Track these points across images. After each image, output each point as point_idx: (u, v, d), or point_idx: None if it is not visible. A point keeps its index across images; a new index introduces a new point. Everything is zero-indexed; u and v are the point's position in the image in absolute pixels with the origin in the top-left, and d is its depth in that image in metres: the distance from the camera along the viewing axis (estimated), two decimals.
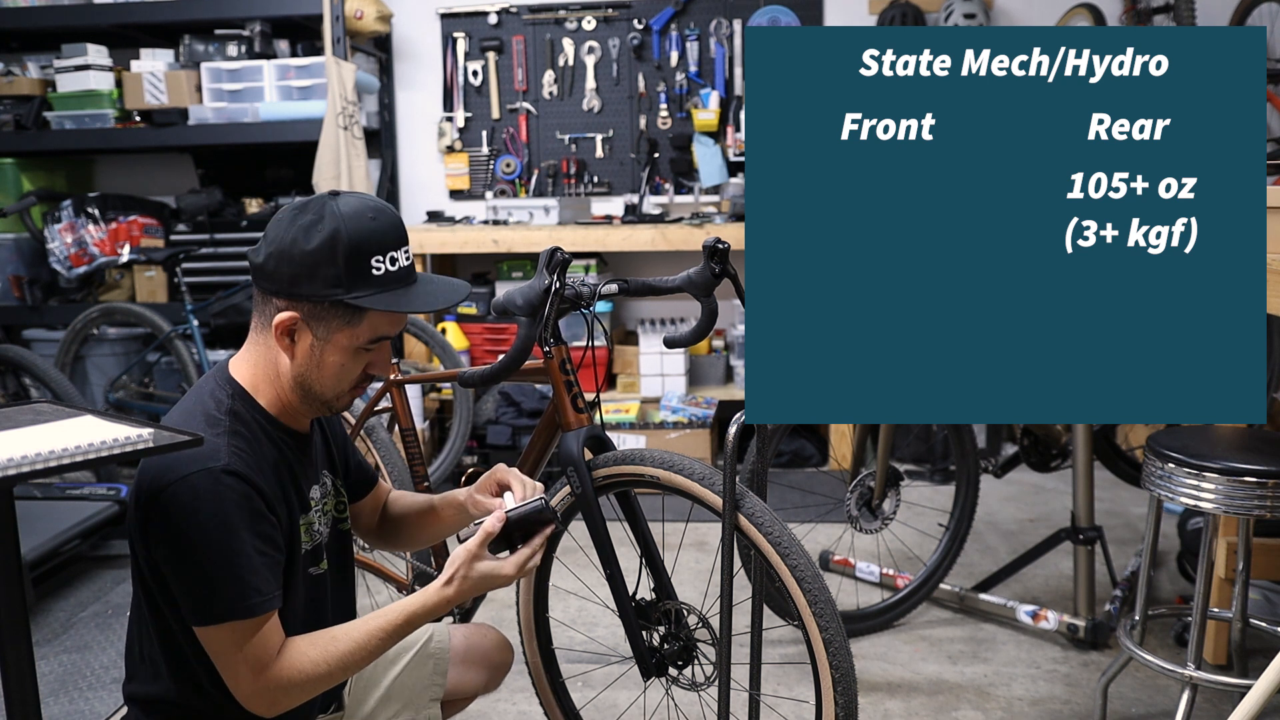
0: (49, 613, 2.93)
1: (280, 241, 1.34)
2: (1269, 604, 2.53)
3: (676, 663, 1.81)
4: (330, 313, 1.35)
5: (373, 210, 1.37)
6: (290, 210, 1.36)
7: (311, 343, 1.37)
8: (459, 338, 4.30)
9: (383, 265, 1.35)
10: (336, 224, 1.33)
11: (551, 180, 4.65)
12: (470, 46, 4.65)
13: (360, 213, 1.35)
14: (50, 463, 1.11)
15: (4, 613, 1.16)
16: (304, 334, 1.36)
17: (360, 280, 1.34)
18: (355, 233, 1.33)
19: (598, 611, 2.81)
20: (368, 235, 1.34)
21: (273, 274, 1.34)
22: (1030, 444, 2.97)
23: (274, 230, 1.36)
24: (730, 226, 4.08)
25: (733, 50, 4.55)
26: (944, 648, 2.63)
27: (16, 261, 4.33)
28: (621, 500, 1.85)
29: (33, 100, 4.26)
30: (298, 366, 1.39)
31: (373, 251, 1.34)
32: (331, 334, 1.36)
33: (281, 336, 1.36)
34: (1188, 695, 1.96)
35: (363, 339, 1.38)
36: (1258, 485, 1.83)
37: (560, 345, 1.84)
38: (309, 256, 1.32)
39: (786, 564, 1.62)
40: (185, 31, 4.32)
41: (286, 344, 1.37)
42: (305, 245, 1.32)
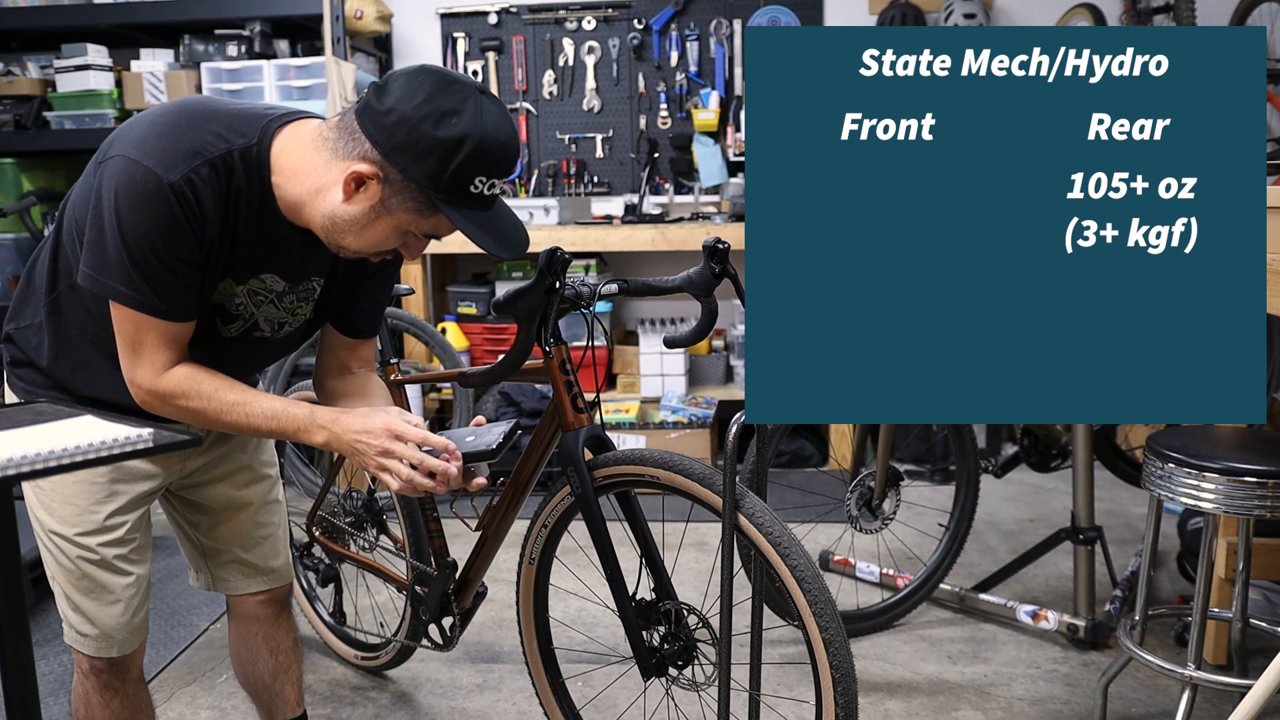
0: (49, 613, 2.93)
1: (411, 106, 1.31)
2: (1269, 604, 2.53)
3: (676, 663, 1.81)
4: (409, 193, 1.34)
5: (507, 134, 1.35)
6: (436, 80, 1.32)
7: (374, 204, 1.36)
8: (459, 338, 4.30)
9: (481, 188, 1.35)
10: (472, 130, 1.31)
11: (551, 180, 4.65)
12: (470, 46, 4.65)
13: (496, 132, 1.33)
14: (50, 463, 1.10)
15: (4, 613, 1.16)
16: (371, 191, 1.35)
17: (457, 189, 1.33)
18: (482, 149, 1.32)
19: (598, 611, 2.81)
20: (490, 157, 1.33)
21: (384, 127, 1.32)
22: (1030, 444, 2.97)
23: (411, 90, 1.32)
24: (730, 226, 4.08)
25: (733, 50, 4.55)
26: (944, 648, 2.63)
27: (16, 261, 4.33)
28: (621, 500, 1.85)
29: (33, 100, 4.25)
30: (344, 211, 1.37)
31: (483, 172, 1.34)
32: (397, 209, 1.36)
33: (350, 181, 1.35)
34: (1188, 695, 1.96)
35: (421, 229, 1.39)
36: (1258, 485, 1.83)
37: (560, 345, 1.84)
38: (428, 141, 1.30)
39: (786, 564, 1.62)
40: (185, 31, 4.31)
41: (350, 189, 1.35)
42: (432, 130, 1.30)
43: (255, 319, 1.53)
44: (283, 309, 1.55)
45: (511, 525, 2.05)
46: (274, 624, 1.85)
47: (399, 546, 2.37)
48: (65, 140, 4.25)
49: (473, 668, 2.58)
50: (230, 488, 1.74)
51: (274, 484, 1.81)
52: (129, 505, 1.59)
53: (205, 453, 1.70)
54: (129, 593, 1.60)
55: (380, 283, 1.68)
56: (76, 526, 1.56)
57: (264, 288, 1.50)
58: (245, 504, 1.75)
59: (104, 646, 1.61)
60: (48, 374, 1.55)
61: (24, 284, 1.57)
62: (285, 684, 1.88)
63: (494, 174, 1.35)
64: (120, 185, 1.32)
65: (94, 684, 1.64)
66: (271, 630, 1.85)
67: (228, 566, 1.78)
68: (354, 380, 1.70)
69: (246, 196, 1.39)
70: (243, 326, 1.53)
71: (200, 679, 2.56)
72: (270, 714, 1.90)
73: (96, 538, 1.57)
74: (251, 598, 1.81)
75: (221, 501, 1.74)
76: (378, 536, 2.48)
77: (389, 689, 2.50)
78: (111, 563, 1.58)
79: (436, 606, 2.19)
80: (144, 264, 1.34)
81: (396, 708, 2.41)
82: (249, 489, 1.75)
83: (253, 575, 1.80)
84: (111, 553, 1.58)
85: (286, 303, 1.54)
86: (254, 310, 1.52)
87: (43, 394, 1.55)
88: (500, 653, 2.66)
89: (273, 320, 1.55)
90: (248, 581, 1.80)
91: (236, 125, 1.39)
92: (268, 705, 1.90)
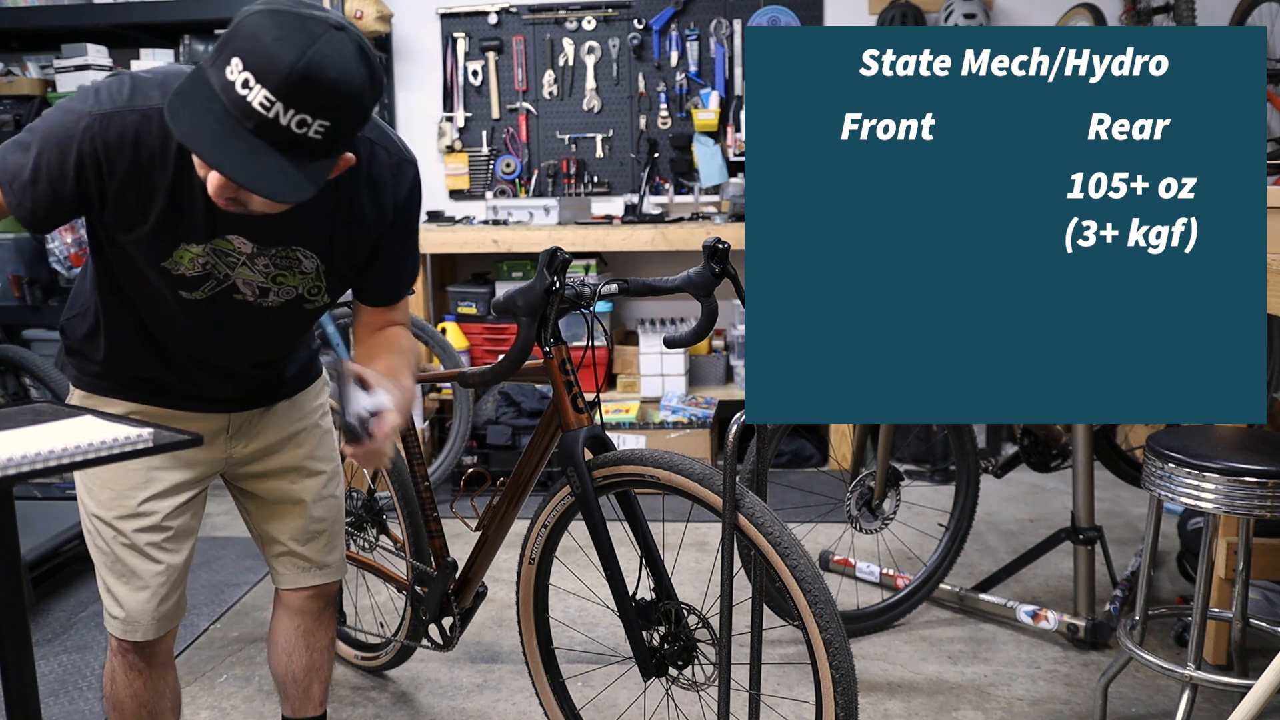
0: (49, 613, 2.93)
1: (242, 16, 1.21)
2: (1269, 604, 2.53)
3: (676, 663, 1.81)
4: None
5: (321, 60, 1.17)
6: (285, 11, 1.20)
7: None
8: (459, 338, 4.30)
9: (237, 83, 1.18)
10: (257, 30, 1.18)
11: (551, 180, 4.65)
12: (470, 46, 4.65)
13: (268, 26, 1.17)
14: (50, 463, 1.11)
15: (4, 613, 1.16)
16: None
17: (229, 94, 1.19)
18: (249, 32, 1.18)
19: (598, 611, 2.81)
20: (267, 60, 1.16)
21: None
22: (1030, 444, 2.97)
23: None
24: (730, 226, 4.08)
25: (733, 50, 4.55)
26: (944, 648, 2.63)
27: (16, 261, 4.33)
28: (621, 500, 1.85)
29: (33, 100, 4.25)
30: None
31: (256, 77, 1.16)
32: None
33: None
34: (1188, 695, 1.96)
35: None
36: (1258, 485, 1.83)
37: (560, 345, 1.84)
38: (221, 41, 1.21)
39: (786, 564, 1.62)
40: (185, 31, 4.31)
41: None
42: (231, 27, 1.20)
43: (231, 280, 1.50)
44: (257, 272, 1.50)
45: (511, 525, 2.05)
46: (317, 620, 1.85)
47: (399, 546, 2.37)
48: None
49: (473, 668, 2.58)
50: (284, 483, 1.75)
51: (329, 480, 1.80)
52: (166, 492, 1.61)
53: (252, 442, 1.71)
54: (157, 580, 1.61)
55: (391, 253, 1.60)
56: (113, 510, 1.59)
57: (232, 249, 1.47)
58: (298, 499, 1.76)
59: (129, 630, 1.63)
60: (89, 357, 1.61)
61: (80, 277, 1.64)
62: (315, 682, 1.89)
63: (274, 89, 1.17)
64: (68, 99, 1.38)
65: (120, 663, 1.67)
66: (313, 626, 1.86)
67: (281, 559, 1.79)
68: (382, 338, 1.65)
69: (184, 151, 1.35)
70: (216, 286, 1.50)
71: (200, 679, 2.56)
72: (294, 708, 1.90)
73: (131, 523, 1.59)
74: (301, 591, 1.81)
75: (275, 495, 1.75)
76: (378, 536, 2.48)
77: (389, 689, 2.50)
78: (143, 549, 1.60)
79: (436, 606, 2.19)
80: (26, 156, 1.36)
81: (396, 708, 2.41)
82: (300, 484, 1.76)
83: (306, 569, 1.80)
84: (144, 539, 1.59)
85: (260, 266, 1.49)
86: (227, 271, 1.49)
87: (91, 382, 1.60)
88: (500, 653, 2.66)
89: (251, 284, 1.51)
90: (300, 575, 1.80)
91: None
92: (294, 700, 1.90)
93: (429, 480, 2.27)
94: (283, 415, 1.74)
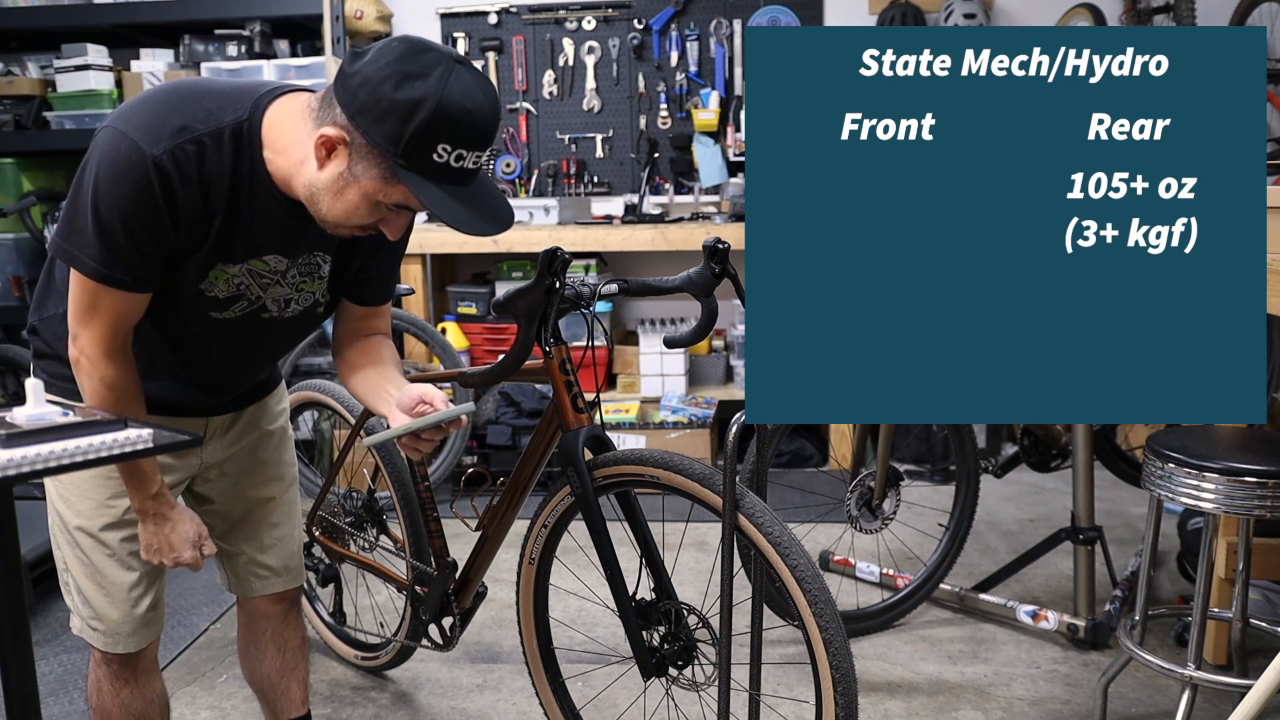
0: (49, 613, 2.93)
1: (376, 69, 1.28)
2: (1269, 604, 2.53)
3: (676, 663, 1.81)
4: (373, 158, 1.31)
5: (475, 103, 1.29)
6: (408, 46, 1.29)
7: (343, 170, 1.34)
8: (459, 338, 4.30)
9: (446, 157, 1.30)
10: (431, 94, 1.26)
11: (551, 180, 4.64)
12: (470, 46, 4.65)
13: (463, 98, 1.28)
14: (50, 463, 1.10)
15: (4, 613, 1.16)
16: (340, 158, 1.33)
17: (418, 156, 1.29)
18: (442, 114, 1.27)
19: (598, 611, 2.81)
20: (452, 122, 1.28)
21: (350, 89, 1.30)
22: (1030, 444, 2.97)
23: (380, 53, 1.29)
24: (730, 226, 4.08)
25: (733, 50, 4.55)
26: (944, 648, 2.63)
27: (16, 261, 4.33)
28: (621, 500, 1.85)
29: (33, 100, 4.25)
30: (318, 179, 1.35)
31: (447, 139, 1.29)
32: (362, 175, 1.33)
33: (320, 147, 1.33)
34: (1188, 695, 1.96)
35: (389, 199, 1.35)
36: (1258, 485, 1.83)
37: (560, 345, 1.84)
38: (387, 103, 1.27)
39: (786, 564, 1.62)
40: (185, 31, 4.31)
41: (321, 155, 1.34)
42: (391, 92, 1.27)
43: (262, 301, 1.52)
44: (287, 285, 1.53)
45: (511, 525, 2.05)
46: (283, 622, 1.86)
47: (399, 546, 2.37)
48: (65, 140, 4.25)
49: (473, 668, 2.58)
50: (246, 488, 1.75)
51: (290, 485, 1.82)
52: None
53: (223, 446, 1.71)
54: (136, 591, 1.61)
55: (391, 250, 1.65)
56: (95, 520, 1.58)
57: (268, 269, 1.49)
58: (263, 501, 1.77)
59: (111, 641, 1.62)
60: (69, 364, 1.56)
61: (45, 276, 1.58)
62: (291, 682, 1.89)
63: (459, 143, 1.30)
64: (104, 156, 1.33)
65: (105, 673, 1.66)
66: (280, 628, 1.86)
67: (245, 569, 1.80)
68: (368, 349, 1.69)
69: (237, 173, 1.38)
70: (247, 307, 1.52)
71: (200, 679, 2.56)
72: (275, 712, 1.90)
73: (115, 532, 1.58)
74: (265, 596, 1.82)
75: (238, 502, 1.75)
76: (378, 536, 2.48)
77: (389, 689, 2.50)
78: (124, 558, 1.60)
79: (436, 606, 2.19)
80: (110, 234, 1.34)
81: (396, 708, 2.41)
82: (263, 489, 1.77)
83: (269, 577, 1.81)
84: (126, 548, 1.59)
85: (290, 278, 1.53)
86: (260, 293, 1.51)
87: (64, 386, 1.54)
88: (500, 653, 2.66)
89: (279, 299, 1.54)
90: (264, 583, 1.81)
91: (228, 102, 1.38)
92: (273, 703, 1.90)
93: (429, 480, 2.27)
94: (250, 419, 1.75)
